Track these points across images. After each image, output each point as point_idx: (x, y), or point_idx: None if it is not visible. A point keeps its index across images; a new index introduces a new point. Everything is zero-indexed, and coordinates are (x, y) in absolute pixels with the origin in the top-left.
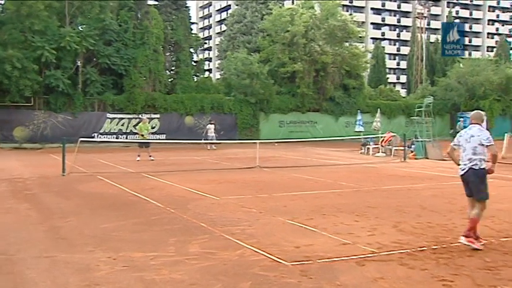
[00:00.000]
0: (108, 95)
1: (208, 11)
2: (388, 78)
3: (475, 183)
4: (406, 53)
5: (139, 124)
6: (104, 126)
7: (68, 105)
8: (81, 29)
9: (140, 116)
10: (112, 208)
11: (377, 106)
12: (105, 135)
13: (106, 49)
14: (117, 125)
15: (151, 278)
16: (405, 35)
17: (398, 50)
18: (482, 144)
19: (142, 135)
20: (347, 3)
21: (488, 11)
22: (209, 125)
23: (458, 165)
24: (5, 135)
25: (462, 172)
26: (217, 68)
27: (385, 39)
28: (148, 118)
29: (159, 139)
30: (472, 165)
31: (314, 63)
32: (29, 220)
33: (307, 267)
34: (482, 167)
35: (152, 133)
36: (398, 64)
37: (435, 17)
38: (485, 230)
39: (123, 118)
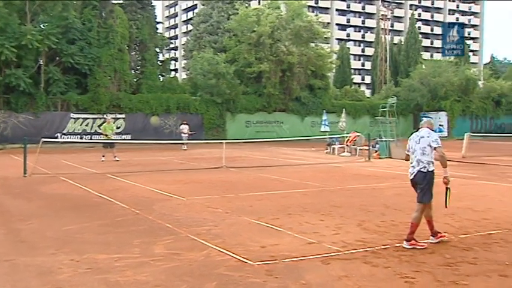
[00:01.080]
0: (71, 95)
1: (174, 10)
2: (353, 78)
3: (422, 186)
4: (371, 54)
5: (104, 124)
6: (67, 126)
7: (30, 104)
8: (43, 27)
9: (105, 116)
10: (75, 210)
11: (342, 106)
12: (69, 136)
13: (69, 48)
14: (81, 125)
15: (115, 280)
16: (370, 36)
17: (363, 51)
18: (431, 146)
19: (107, 136)
20: (312, 4)
21: (449, 14)
22: (182, 125)
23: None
24: None
25: (412, 176)
26: (184, 67)
27: (350, 40)
28: (113, 118)
29: (124, 139)
30: (421, 168)
31: (280, 63)
32: None
33: (272, 266)
34: (430, 169)
35: (117, 133)
36: (363, 65)
37: (398, 19)
38: (446, 227)
39: (87, 118)
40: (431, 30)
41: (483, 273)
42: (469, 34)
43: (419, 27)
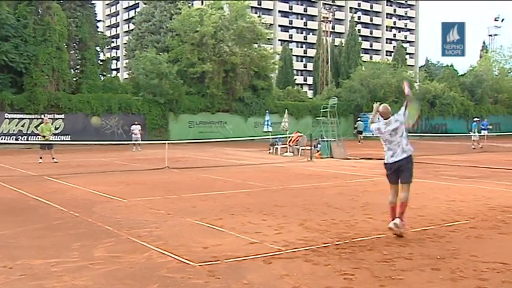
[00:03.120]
0: (6, 94)
1: (116, 8)
2: (295, 79)
3: (409, 168)
4: (313, 55)
5: (41, 125)
6: (1, 126)
7: None
8: None
9: (42, 116)
10: (9, 213)
11: (285, 107)
12: (3, 137)
13: (3, 45)
14: (16, 125)
15: (51, 285)
16: (312, 38)
17: (305, 52)
18: (402, 122)
19: (44, 137)
20: (255, 5)
21: (386, 17)
22: (133, 126)
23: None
24: None
25: (396, 159)
26: (125, 67)
27: (292, 41)
28: (51, 119)
29: (63, 140)
30: (406, 155)
31: (223, 63)
32: None
33: (214, 267)
34: (412, 150)
35: (56, 134)
36: (305, 66)
37: (339, 21)
38: (384, 225)
39: (23, 118)
40: (371, 33)
41: (417, 268)
42: (405, 37)
43: (359, 29)
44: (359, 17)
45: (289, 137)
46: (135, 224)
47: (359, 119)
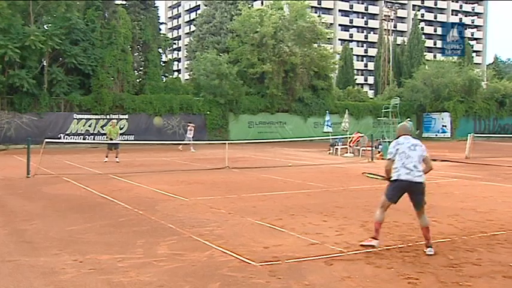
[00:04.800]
0: (74, 95)
1: (177, 11)
2: (356, 79)
3: (420, 195)
4: (374, 55)
5: (108, 127)
6: (70, 127)
7: (33, 105)
8: (46, 28)
9: (109, 117)
10: (78, 210)
11: (345, 107)
12: (72, 136)
13: (73, 48)
14: (84, 125)
15: (118, 280)
16: (372, 37)
17: (365, 51)
18: (423, 156)
19: (111, 139)
20: (315, 4)
21: (452, 14)
22: (190, 126)
23: (389, 179)
24: None
25: (404, 178)
26: (186, 68)
27: (353, 40)
28: (116, 119)
29: (127, 140)
30: (419, 177)
31: (283, 64)
32: None
33: (275, 267)
34: (424, 178)
35: (120, 134)
36: (365, 65)
37: (401, 19)
38: (449, 229)
39: (90, 119)
40: (435, 30)
41: (487, 275)
42: (472, 35)
43: (422, 27)
44: (422, 15)
45: (349, 137)
46: (196, 223)
47: (408, 119)
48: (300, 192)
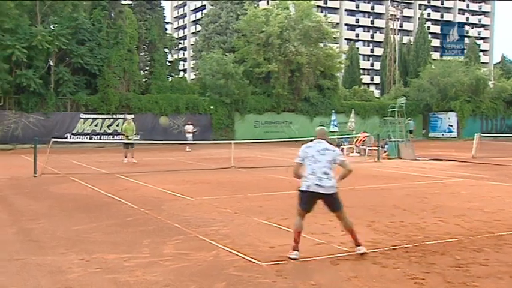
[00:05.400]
0: (81, 95)
1: (183, 11)
2: (362, 79)
3: (334, 204)
4: (380, 54)
5: (124, 124)
6: (77, 126)
7: (40, 105)
8: (53, 28)
9: (125, 116)
10: (85, 210)
11: (351, 106)
12: (78, 136)
13: (79, 48)
14: (90, 125)
15: (125, 279)
16: (379, 37)
17: (372, 51)
18: (336, 161)
19: (127, 136)
20: (321, 4)
21: (458, 13)
22: (187, 126)
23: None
24: None
25: (313, 189)
26: (192, 68)
27: (359, 40)
28: (121, 118)
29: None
30: (330, 185)
31: (289, 63)
32: None
33: (281, 267)
34: (336, 185)
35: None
36: (372, 65)
37: (408, 19)
38: (456, 229)
39: (96, 118)
40: (441, 30)
41: (494, 275)
42: (479, 34)
43: (428, 27)
44: (429, 14)
45: (355, 137)
46: (202, 222)
47: (409, 119)
48: None
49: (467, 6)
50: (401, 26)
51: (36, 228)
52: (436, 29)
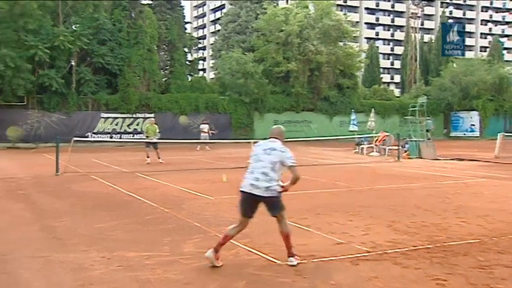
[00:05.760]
0: (102, 95)
1: (203, 10)
2: (382, 78)
3: (272, 209)
4: (400, 53)
5: (147, 125)
6: (97, 125)
7: (62, 104)
8: (75, 28)
9: (145, 115)
10: (106, 208)
11: (371, 106)
12: (99, 135)
13: (100, 48)
14: (111, 124)
15: (146, 277)
16: (399, 35)
17: (392, 49)
18: (284, 163)
19: (148, 137)
20: (341, 3)
21: (482, 11)
22: (202, 125)
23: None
24: None
25: (247, 189)
26: (212, 67)
27: (379, 39)
28: (142, 118)
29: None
30: (269, 187)
31: (308, 62)
32: (22, 220)
33: (301, 266)
34: (279, 190)
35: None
36: (392, 64)
37: (429, 17)
38: (479, 229)
39: (117, 117)
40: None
41: None
42: (502, 31)
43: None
44: (450, 12)
45: (375, 136)
46: (222, 221)
47: (428, 118)
48: (326, 192)
49: (491, 3)
50: (422, 24)
51: (59, 226)
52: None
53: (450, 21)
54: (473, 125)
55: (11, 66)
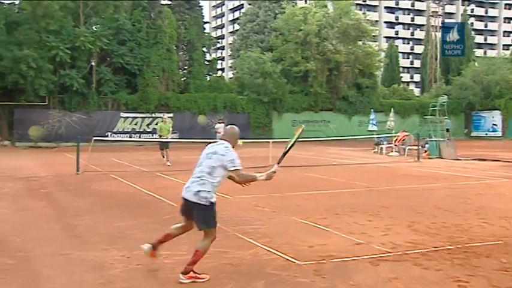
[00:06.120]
0: (121, 94)
1: (221, 10)
2: (401, 77)
3: (198, 213)
4: (420, 52)
5: (160, 123)
6: (117, 125)
7: (82, 104)
8: (95, 29)
9: (162, 115)
10: (126, 207)
11: (390, 105)
12: (119, 134)
13: (120, 49)
14: (130, 124)
15: (165, 276)
16: (419, 34)
17: (412, 48)
18: (225, 168)
19: (161, 136)
20: (360, 2)
21: (504, 8)
22: (218, 124)
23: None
24: (20, 134)
25: (188, 195)
26: (230, 67)
27: (398, 38)
28: (160, 117)
29: (172, 138)
30: (202, 194)
31: (327, 62)
32: (44, 218)
33: (320, 266)
34: (213, 201)
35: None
36: (412, 63)
37: (450, 15)
38: (502, 231)
39: (136, 117)
40: (485, 26)
41: None
42: None
43: (472, 23)
44: (472, 10)
45: (395, 136)
46: (240, 221)
47: (445, 117)
48: (345, 192)
49: None
50: (443, 22)
51: (80, 224)
52: (480, 25)
53: (471, 19)
54: (495, 125)
55: (33, 66)
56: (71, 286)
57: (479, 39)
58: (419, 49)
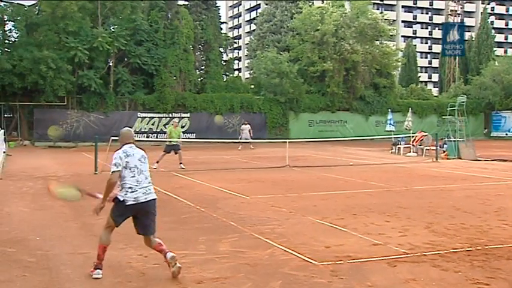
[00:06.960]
0: (139, 95)
1: (238, 10)
2: (419, 77)
3: (154, 216)
4: (439, 51)
5: (169, 127)
6: (134, 125)
7: (100, 104)
8: (113, 30)
9: (172, 122)
10: None
11: (408, 105)
12: (136, 134)
13: (137, 49)
14: (147, 124)
15: (182, 276)
16: (437, 33)
17: (430, 48)
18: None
19: (171, 142)
20: (378, 1)
21: None
22: (243, 126)
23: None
24: (39, 134)
25: (143, 199)
26: (247, 67)
27: (416, 37)
28: (178, 117)
29: (189, 138)
30: (152, 194)
31: (344, 62)
32: (63, 217)
33: (337, 267)
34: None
35: (182, 132)
36: (430, 62)
37: (469, 14)
38: None
39: (153, 117)
40: (506, 24)
41: None
42: None
43: (492, 21)
44: (492, 8)
45: (412, 136)
46: (257, 221)
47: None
48: (362, 192)
49: None
50: (462, 21)
51: (98, 223)
52: (501, 23)
53: (491, 17)
54: None
55: (52, 67)
56: (89, 284)
57: (499, 37)
58: (437, 48)
